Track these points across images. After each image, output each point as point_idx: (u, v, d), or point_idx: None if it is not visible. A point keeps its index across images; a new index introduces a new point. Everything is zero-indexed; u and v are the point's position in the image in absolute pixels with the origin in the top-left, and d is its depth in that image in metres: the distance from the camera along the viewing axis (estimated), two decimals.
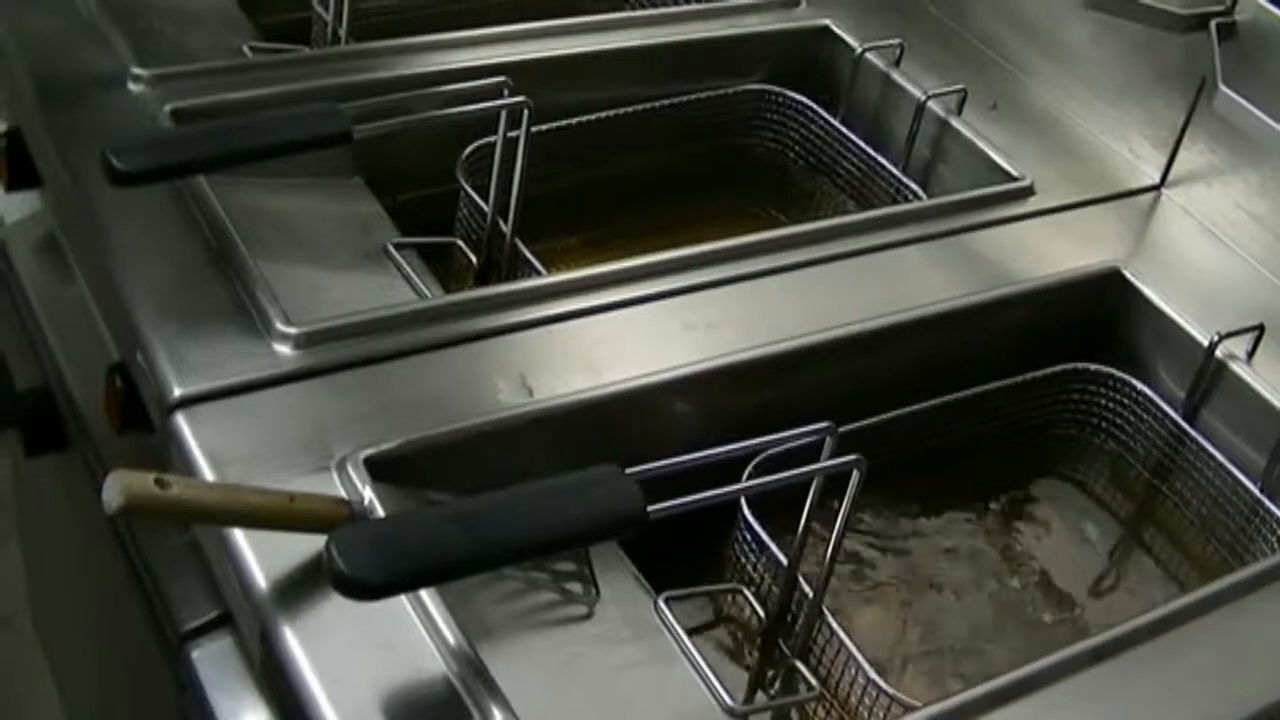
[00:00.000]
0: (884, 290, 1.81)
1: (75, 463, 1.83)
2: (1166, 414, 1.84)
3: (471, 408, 1.54)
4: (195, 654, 1.50)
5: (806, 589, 1.52)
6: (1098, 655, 1.43)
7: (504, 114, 1.81)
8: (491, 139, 1.84)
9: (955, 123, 2.12)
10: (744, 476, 1.48)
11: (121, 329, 1.62)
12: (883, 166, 2.11)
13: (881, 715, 1.46)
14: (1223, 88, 1.87)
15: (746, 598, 1.59)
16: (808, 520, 1.49)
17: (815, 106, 2.20)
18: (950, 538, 1.79)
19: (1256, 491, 1.75)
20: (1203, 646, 1.47)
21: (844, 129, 2.17)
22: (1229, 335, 1.80)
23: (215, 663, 1.49)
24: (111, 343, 1.69)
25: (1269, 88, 1.85)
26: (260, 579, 1.34)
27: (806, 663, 1.54)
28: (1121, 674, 1.42)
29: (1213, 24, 1.91)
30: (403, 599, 1.32)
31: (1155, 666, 1.43)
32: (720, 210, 2.21)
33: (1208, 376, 1.82)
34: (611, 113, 2.08)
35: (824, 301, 1.77)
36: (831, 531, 1.48)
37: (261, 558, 1.36)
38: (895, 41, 2.20)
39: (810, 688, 1.51)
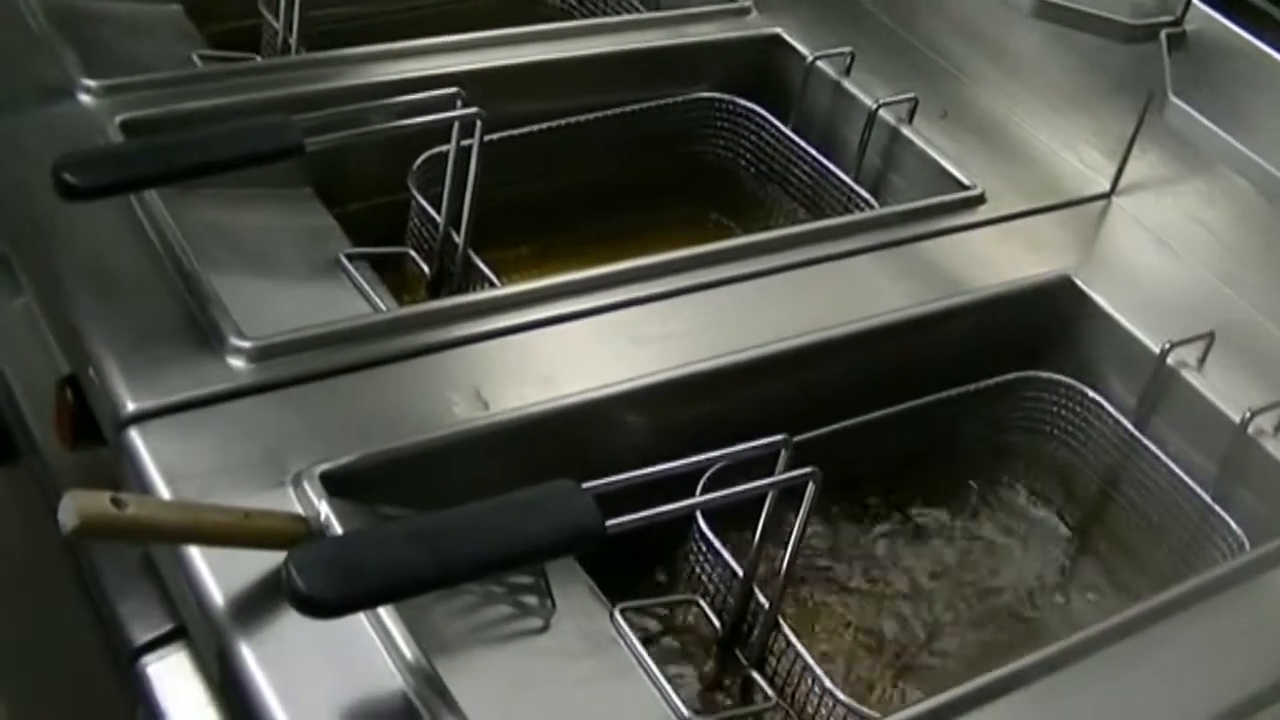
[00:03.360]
0: (836, 300, 1.81)
1: (24, 476, 1.82)
2: (1118, 421, 1.85)
3: (427, 422, 1.54)
4: (150, 669, 1.49)
5: (762, 599, 1.53)
6: (1053, 664, 1.43)
7: (456, 125, 1.80)
8: (443, 148, 1.84)
9: (906, 131, 2.12)
10: (699, 489, 1.48)
11: (72, 343, 1.61)
12: (834, 175, 2.12)
13: None
14: (1172, 98, 1.88)
15: (702, 609, 1.59)
16: (763, 532, 1.49)
17: (767, 115, 2.21)
18: (906, 546, 1.79)
19: (1207, 498, 1.76)
20: (1157, 653, 1.48)
21: (795, 137, 2.18)
22: (1180, 343, 1.80)
23: (169, 677, 1.48)
24: (61, 356, 1.68)
25: (1218, 98, 1.86)
26: (217, 596, 1.34)
27: (763, 673, 1.54)
28: (1077, 682, 1.43)
29: (1162, 34, 1.92)
30: (360, 614, 1.32)
31: (1110, 674, 1.44)
32: (672, 219, 2.22)
33: (1159, 384, 1.82)
34: (563, 122, 2.08)
35: (777, 312, 1.77)
36: (787, 541, 1.48)
37: (218, 575, 1.35)
38: (846, 50, 2.21)
39: (767, 698, 1.52)
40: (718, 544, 1.55)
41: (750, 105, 2.22)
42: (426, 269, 1.89)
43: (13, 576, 2.18)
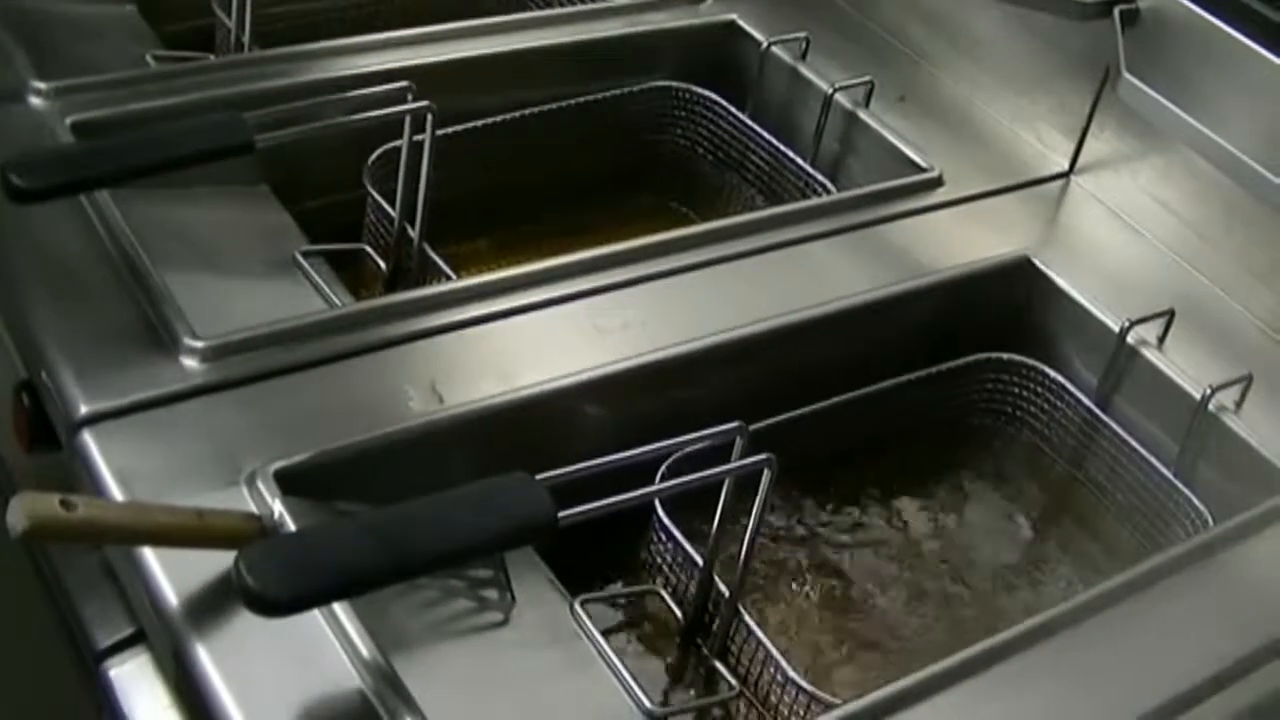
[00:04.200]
0: (795, 285, 1.81)
1: None
2: (1080, 401, 1.85)
3: (382, 417, 1.53)
4: (113, 672, 1.48)
5: (723, 588, 1.52)
6: (1016, 646, 1.43)
7: (408, 119, 1.80)
8: (397, 144, 1.83)
9: (863, 115, 2.12)
10: (657, 478, 1.47)
11: (26, 346, 1.60)
12: (791, 160, 2.11)
13: (801, 713, 1.46)
14: (1126, 75, 1.88)
15: (664, 598, 1.59)
16: (721, 520, 1.49)
17: (723, 102, 2.20)
18: (868, 532, 1.79)
19: (1170, 476, 1.75)
20: (1123, 632, 1.47)
21: (752, 124, 2.17)
22: (1140, 321, 1.81)
23: (133, 681, 1.47)
24: (18, 360, 1.67)
25: (1172, 74, 1.86)
26: (171, 597, 1.33)
27: (725, 662, 1.54)
28: (1042, 663, 1.43)
29: (1116, 11, 1.91)
30: (316, 612, 1.31)
31: (1076, 654, 1.44)
32: (630, 209, 2.21)
33: (1120, 363, 1.83)
34: (517, 114, 2.07)
35: (736, 298, 1.77)
36: (746, 529, 1.48)
37: (172, 576, 1.34)
38: (801, 35, 2.20)
39: (730, 687, 1.51)
40: (677, 533, 1.54)
41: (706, 93, 2.21)
42: (383, 265, 1.88)
43: None
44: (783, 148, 2.13)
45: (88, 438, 1.47)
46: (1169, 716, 1.41)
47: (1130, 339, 1.81)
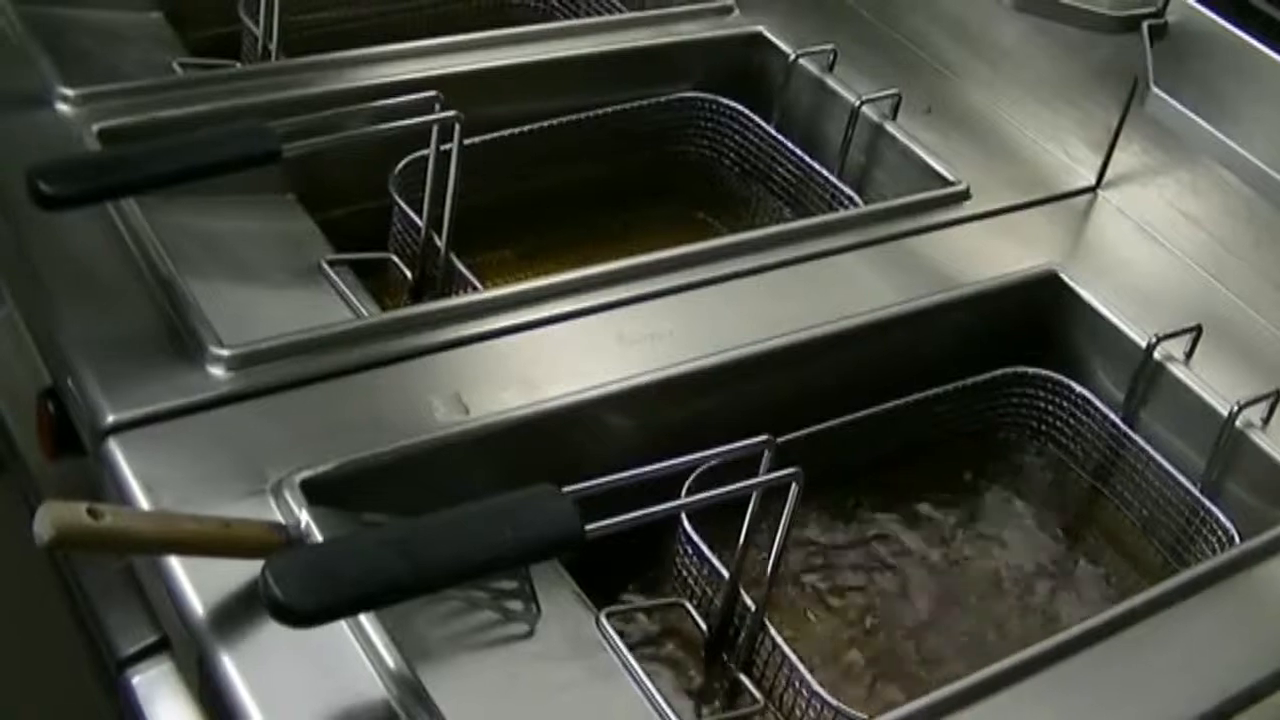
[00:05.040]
0: (821, 298, 1.80)
1: (8, 488, 1.81)
2: (1106, 416, 1.84)
3: (408, 427, 1.53)
4: (135, 680, 1.48)
5: (748, 601, 1.52)
6: (1041, 662, 1.42)
7: (435, 128, 1.80)
8: (424, 153, 1.83)
9: (890, 127, 2.11)
10: (684, 490, 1.47)
11: (51, 354, 1.60)
12: (818, 173, 2.11)
13: None
14: (1154, 89, 1.87)
15: (689, 611, 1.58)
16: (748, 533, 1.48)
17: (749, 113, 2.20)
18: (893, 545, 1.78)
19: (1196, 492, 1.75)
20: (1148, 650, 1.47)
21: (779, 135, 2.16)
22: (1167, 336, 1.80)
23: (155, 688, 1.47)
24: (43, 367, 1.67)
25: (1200, 89, 1.86)
26: (197, 606, 1.33)
27: (750, 675, 1.53)
28: (1066, 679, 1.42)
29: (1144, 25, 1.91)
30: (341, 622, 1.31)
31: (1101, 671, 1.43)
32: (656, 219, 2.20)
33: (1146, 378, 1.82)
34: (544, 124, 2.07)
35: (762, 311, 1.76)
36: (772, 542, 1.47)
37: (197, 584, 1.34)
38: (828, 47, 2.20)
39: (754, 700, 1.51)
40: (703, 546, 1.54)
41: (733, 104, 2.21)
42: (409, 274, 1.88)
43: (1, 589, 2.17)
44: (809, 160, 2.12)
45: (113, 446, 1.47)
46: None
47: (1157, 354, 1.80)
